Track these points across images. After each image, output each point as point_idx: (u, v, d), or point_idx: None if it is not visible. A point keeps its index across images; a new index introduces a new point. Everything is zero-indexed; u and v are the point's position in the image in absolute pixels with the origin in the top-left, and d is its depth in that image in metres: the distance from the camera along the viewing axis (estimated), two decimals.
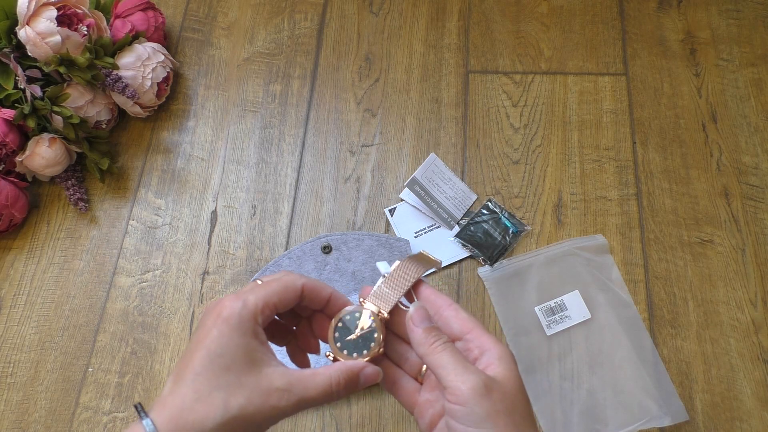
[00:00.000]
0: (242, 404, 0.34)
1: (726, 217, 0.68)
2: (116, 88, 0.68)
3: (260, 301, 0.37)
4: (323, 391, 0.37)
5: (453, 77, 0.77)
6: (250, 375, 0.35)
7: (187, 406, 0.34)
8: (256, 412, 0.35)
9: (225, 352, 0.35)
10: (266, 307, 0.37)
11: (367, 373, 0.39)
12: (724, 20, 0.78)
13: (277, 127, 0.75)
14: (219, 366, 0.35)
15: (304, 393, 0.36)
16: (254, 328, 0.36)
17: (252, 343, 0.36)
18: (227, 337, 0.35)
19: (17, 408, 0.62)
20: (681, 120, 0.73)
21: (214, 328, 0.36)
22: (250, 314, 0.36)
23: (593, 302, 0.63)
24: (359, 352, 0.40)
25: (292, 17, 0.82)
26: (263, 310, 0.37)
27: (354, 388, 0.39)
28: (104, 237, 0.70)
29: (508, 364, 0.37)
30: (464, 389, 0.35)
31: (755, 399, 0.59)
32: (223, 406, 0.34)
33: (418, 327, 0.39)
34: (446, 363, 0.37)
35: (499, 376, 0.37)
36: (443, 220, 0.68)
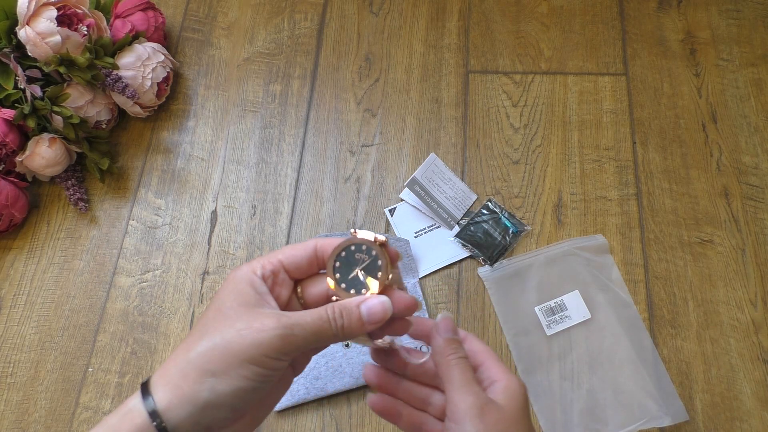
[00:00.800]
0: (225, 333, 0.33)
1: (726, 217, 0.68)
2: (116, 88, 0.68)
3: (263, 259, 0.37)
4: (315, 320, 0.34)
5: (453, 77, 0.77)
6: (239, 311, 0.34)
7: (176, 352, 0.34)
8: (238, 338, 0.32)
9: (220, 302, 0.35)
10: (267, 262, 0.36)
11: (370, 305, 0.35)
12: (724, 20, 0.78)
13: (277, 127, 0.75)
14: (212, 313, 0.34)
15: (293, 318, 0.34)
16: (250, 278, 0.35)
17: (245, 289, 0.35)
18: (224, 290, 0.35)
19: (17, 408, 0.62)
20: (681, 120, 0.73)
21: (218, 291, 0.36)
22: (250, 270, 0.36)
23: (593, 302, 0.63)
24: (365, 287, 0.36)
25: (292, 17, 0.82)
26: (264, 265, 0.36)
27: (357, 325, 0.35)
28: (104, 237, 0.70)
29: (513, 393, 0.37)
30: (461, 407, 0.35)
31: (755, 399, 0.59)
32: (206, 338, 0.33)
33: (441, 336, 0.38)
34: (454, 378, 0.37)
35: (500, 401, 0.36)
36: (443, 220, 0.68)
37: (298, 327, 0.34)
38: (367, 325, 0.35)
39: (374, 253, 0.36)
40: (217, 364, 0.32)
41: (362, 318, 0.35)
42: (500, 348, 0.63)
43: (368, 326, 0.35)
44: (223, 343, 0.33)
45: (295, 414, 0.61)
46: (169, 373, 0.33)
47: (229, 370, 0.32)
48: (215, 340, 0.33)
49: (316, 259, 0.37)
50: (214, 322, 0.34)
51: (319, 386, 0.60)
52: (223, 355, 0.32)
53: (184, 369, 0.33)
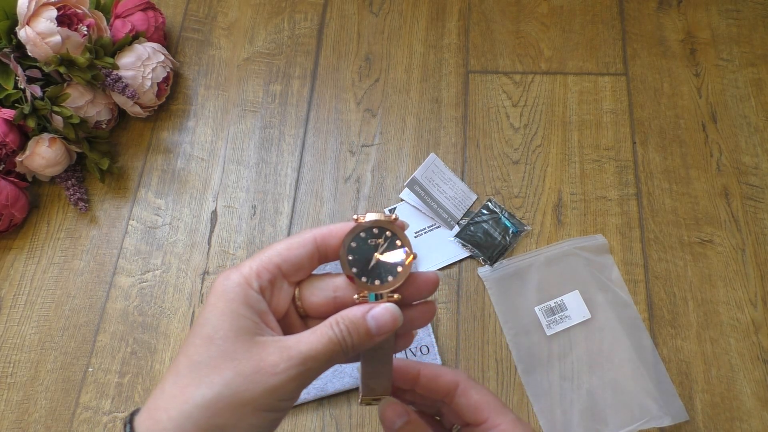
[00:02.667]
0: (229, 378, 0.28)
1: (726, 217, 0.68)
2: (116, 88, 0.68)
3: (256, 264, 0.31)
4: (326, 346, 0.30)
5: (453, 77, 0.77)
6: (236, 344, 0.29)
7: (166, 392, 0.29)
8: (248, 385, 0.28)
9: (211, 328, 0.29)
10: (264, 269, 0.31)
11: (377, 315, 0.31)
12: (724, 20, 0.78)
13: (277, 127, 0.75)
14: (202, 342, 0.29)
15: (303, 350, 0.29)
16: (245, 295, 0.30)
17: (240, 310, 0.30)
18: (215, 310, 0.30)
19: (17, 408, 0.62)
20: (681, 120, 0.73)
21: (206, 306, 0.31)
22: (243, 280, 0.30)
23: (593, 302, 0.63)
24: (390, 273, 0.32)
25: (292, 17, 0.82)
26: (259, 273, 0.31)
27: (366, 338, 0.31)
28: (104, 237, 0.70)
29: None
30: None
31: (755, 399, 0.60)
32: (206, 384, 0.28)
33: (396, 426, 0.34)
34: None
35: None
36: (443, 220, 0.68)
37: (311, 360, 0.29)
38: (377, 336, 0.31)
39: (389, 233, 0.32)
40: (225, 418, 0.28)
41: (371, 330, 0.31)
42: (500, 348, 0.63)
43: (377, 338, 0.31)
44: (229, 392, 0.28)
45: (295, 414, 0.61)
46: (163, 426, 0.28)
47: (239, 423, 0.28)
48: (217, 389, 0.28)
49: (317, 255, 0.33)
50: (210, 359, 0.29)
51: (319, 386, 0.60)
52: (231, 407, 0.28)
53: (183, 425, 0.28)
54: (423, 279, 0.33)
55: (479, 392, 0.35)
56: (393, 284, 0.32)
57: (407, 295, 0.33)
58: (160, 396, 0.29)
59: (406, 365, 0.36)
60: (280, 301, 0.32)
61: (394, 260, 0.32)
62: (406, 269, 0.32)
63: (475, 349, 0.63)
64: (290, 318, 0.33)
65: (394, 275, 0.32)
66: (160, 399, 0.29)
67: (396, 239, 0.32)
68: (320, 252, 0.33)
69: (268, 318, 0.31)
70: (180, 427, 0.28)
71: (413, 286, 0.33)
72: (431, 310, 0.34)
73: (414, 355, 0.61)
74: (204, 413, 0.28)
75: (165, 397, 0.29)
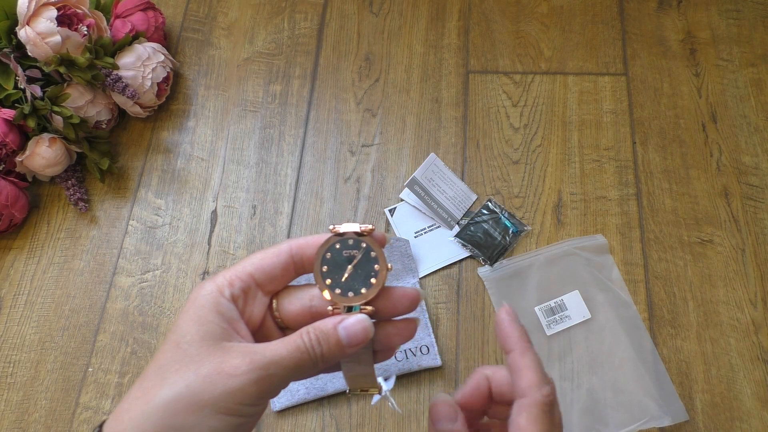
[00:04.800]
0: (190, 380, 0.28)
1: (726, 217, 0.68)
2: (116, 88, 0.68)
3: (229, 274, 0.31)
4: (292, 353, 0.29)
5: (453, 77, 0.77)
6: (201, 348, 0.29)
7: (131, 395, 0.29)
8: (207, 386, 0.28)
9: (179, 334, 0.30)
10: (237, 278, 0.31)
11: (348, 326, 0.30)
12: (724, 20, 0.78)
13: (277, 127, 0.75)
14: (169, 347, 0.30)
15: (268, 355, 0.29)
16: (216, 302, 0.30)
17: (209, 317, 0.30)
18: (185, 316, 0.30)
19: (17, 408, 0.62)
20: (681, 120, 0.73)
21: (179, 314, 0.31)
22: (215, 288, 0.31)
23: (593, 302, 0.63)
24: (364, 285, 0.31)
25: (292, 17, 0.82)
26: (232, 282, 0.31)
27: (336, 349, 0.30)
28: (104, 237, 0.70)
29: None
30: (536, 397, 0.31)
31: (755, 399, 0.60)
32: (168, 385, 0.28)
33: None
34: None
35: None
36: (443, 220, 0.68)
37: (274, 366, 0.29)
38: (348, 348, 0.30)
39: (364, 245, 0.32)
40: (184, 419, 0.28)
41: (341, 341, 0.30)
42: (500, 348, 0.63)
43: (349, 349, 0.31)
44: (189, 392, 0.28)
45: (295, 414, 0.61)
46: (124, 426, 0.28)
47: (199, 425, 0.28)
48: (177, 389, 0.28)
49: (293, 265, 0.33)
50: (174, 362, 0.29)
51: (319, 386, 0.60)
52: (191, 408, 0.28)
53: (143, 425, 0.28)
54: (399, 293, 0.32)
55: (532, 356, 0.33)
56: (366, 296, 0.31)
57: (382, 309, 0.32)
58: (126, 399, 0.29)
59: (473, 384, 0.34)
60: (254, 311, 0.32)
61: (367, 272, 0.32)
62: (379, 281, 0.32)
63: (475, 349, 0.63)
64: (268, 329, 0.33)
65: (367, 287, 0.31)
66: (125, 402, 0.29)
67: (371, 251, 0.32)
68: (296, 262, 0.33)
69: (238, 325, 0.31)
70: (139, 427, 0.28)
71: (388, 299, 0.32)
72: (411, 328, 0.33)
73: (414, 355, 0.61)
74: (163, 413, 0.28)
75: (129, 399, 0.29)
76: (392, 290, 0.32)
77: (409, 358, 0.61)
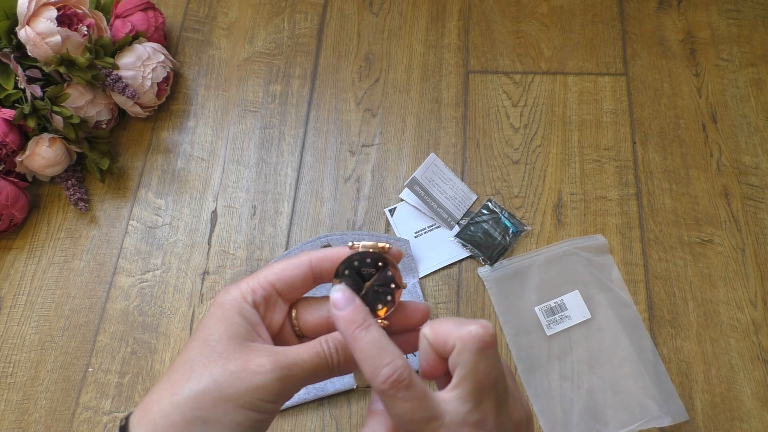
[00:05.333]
0: (217, 374, 0.30)
1: (726, 217, 0.68)
2: (116, 88, 0.68)
3: (253, 281, 0.34)
4: (312, 358, 0.32)
5: (453, 77, 0.77)
6: (228, 346, 0.31)
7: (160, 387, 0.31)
8: (233, 381, 0.30)
9: (207, 332, 0.32)
10: (259, 286, 0.33)
11: None
12: (724, 20, 0.78)
13: (277, 127, 0.75)
14: (197, 344, 0.31)
15: (290, 356, 0.31)
16: (240, 306, 0.32)
17: (235, 318, 0.32)
18: (212, 317, 0.32)
19: (17, 408, 0.62)
20: (681, 120, 0.73)
21: (205, 315, 0.33)
22: (240, 294, 0.33)
23: (593, 302, 0.63)
24: (381, 302, 0.34)
25: (292, 17, 0.82)
26: (255, 290, 0.33)
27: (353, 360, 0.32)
28: (104, 237, 0.70)
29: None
30: None
31: (755, 399, 0.60)
32: (195, 378, 0.30)
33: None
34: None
35: None
36: (443, 220, 0.68)
37: (296, 367, 0.31)
38: None
39: (381, 263, 0.34)
40: (209, 411, 0.29)
41: None
42: (500, 348, 0.63)
43: None
44: (215, 386, 0.30)
45: (295, 414, 0.61)
46: (152, 417, 0.30)
47: (222, 418, 0.29)
48: (205, 383, 0.30)
49: (312, 276, 0.35)
50: (202, 358, 0.31)
51: (319, 386, 0.60)
52: (216, 401, 0.29)
53: (170, 415, 0.29)
54: (412, 308, 0.35)
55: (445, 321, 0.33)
56: (382, 313, 0.34)
57: (396, 324, 0.34)
58: (155, 391, 0.31)
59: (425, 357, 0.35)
60: (274, 317, 0.34)
61: (384, 290, 0.34)
62: (395, 299, 0.34)
63: None
64: (286, 336, 0.35)
65: (384, 304, 0.34)
66: (154, 393, 0.31)
67: (387, 270, 0.34)
68: (315, 274, 0.35)
69: (260, 329, 0.33)
70: (168, 417, 0.29)
71: (402, 314, 0.34)
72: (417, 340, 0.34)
73: (414, 356, 0.61)
74: (190, 405, 0.29)
75: (158, 391, 0.31)
76: (406, 305, 0.35)
77: (409, 358, 0.61)
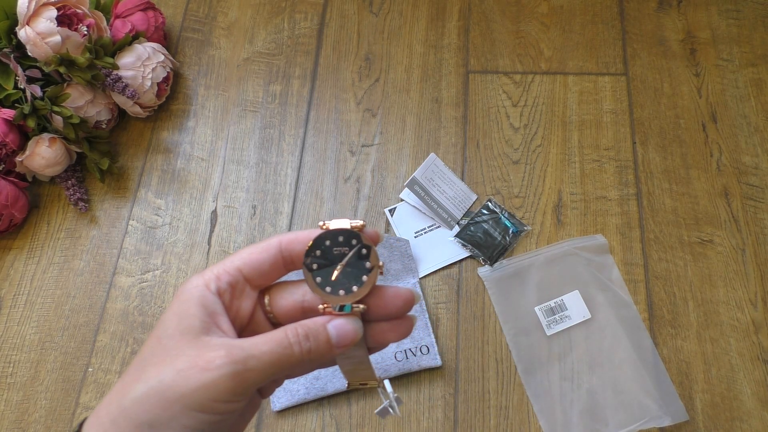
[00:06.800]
0: (164, 374, 0.27)
1: (726, 217, 0.68)
2: (116, 88, 0.68)
3: (217, 268, 0.31)
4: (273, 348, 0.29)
5: (453, 77, 0.77)
6: (180, 342, 0.28)
7: (112, 390, 0.29)
8: (180, 380, 0.27)
9: (161, 328, 0.29)
10: (224, 272, 0.31)
11: (338, 325, 0.30)
12: (724, 20, 0.78)
13: (277, 127, 0.75)
14: (151, 342, 0.29)
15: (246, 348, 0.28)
16: (200, 296, 0.30)
17: (191, 310, 0.29)
18: (169, 310, 0.30)
19: (17, 408, 0.62)
20: (681, 120, 0.73)
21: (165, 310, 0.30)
22: (202, 282, 0.30)
23: (593, 302, 0.63)
24: (356, 283, 0.30)
25: (292, 17, 0.82)
26: (219, 276, 0.31)
27: (325, 348, 0.30)
28: (104, 237, 0.70)
29: None
30: None
31: (755, 399, 0.59)
32: (143, 379, 0.28)
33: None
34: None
35: None
36: (443, 220, 0.68)
37: (252, 359, 0.28)
38: (336, 348, 0.30)
39: (354, 241, 0.31)
40: (156, 414, 0.27)
41: (331, 340, 0.30)
42: (500, 348, 0.63)
43: (337, 349, 0.30)
44: (161, 387, 0.27)
45: (295, 414, 0.61)
46: (101, 421, 0.28)
47: (170, 422, 0.27)
48: (151, 383, 0.27)
49: (282, 261, 0.32)
50: (153, 356, 0.28)
51: (319, 386, 0.60)
52: (162, 403, 0.27)
53: (117, 419, 0.27)
54: (392, 293, 0.31)
55: None
56: (357, 295, 0.30)
57: (374, 308, 0.31)
58: (108, 394, 0.29)
59: None
60: (242, 306, 0.31)
61: (359, 270, 0.31)
62: (371, 279, 0.31)
63: (475, 349, 0.63)
64: (259, 325, 0.32)
65: (359, 285, 0.30)
66: (106, 397, 0.29)
67: (362, 248, 0.31)
68: (285, 258, 0.32)
69: (219, 320, 0.30)
70: (115, 422, 0.27)
71: (381, 298, 0.31)
72: (406, 325, 0.32)
73: (414, 356, 0.61)
74: (137, 408, 0.27)
75: (111, 394, 0.29)
76: (385, 289, 0.31)
77: (409, 358, 0.61)
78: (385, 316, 0.32)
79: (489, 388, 0.61)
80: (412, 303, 0.32)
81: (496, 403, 0.61)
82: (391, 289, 0.31)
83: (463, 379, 0.62)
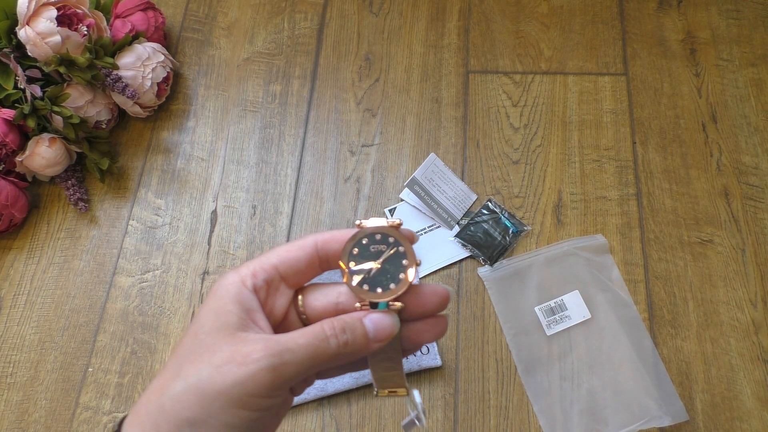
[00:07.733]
0: (201, 370, 0.27)
1: (726, 217, 0.68)
2: (116, 88, 0.68)
3: (253, 265, 0.31)
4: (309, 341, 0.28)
5: (453, 77, 0.77)
6: (217, 338, 0.28)
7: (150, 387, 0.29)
8: (217, 376, 0.27)
9: (198, 324, 0.29)
10: (261, 269, 0.31)
11: (375, 319, 0.30)
12: (724, 20, 0.78)
13: (277, 127, 0.75)
14: (188, 338, 0.29)
15: (282, 341, 0.28)
16: (237, 292, 0.30)
17: (228, 307, 0.29)
18: (205, 307, 0.30)
19: (17, 408, 0.62)
20: (681, 120, 0.73)
21: (201, 306, 0.30)
22: (238, 279, 0.30)
23: (593, 302, 0.63)
24: (393, 281, 0.30)
25: (292, 17, 0.82)
26: (255, 273, 0.30)
27: (362, 342, 0.30)
28: (104, 237, 0.70)
29: None
30: None
31: (755, 399, 0.59)
32: (182, 376, 0.27)
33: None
34: None
35: None
36: (443, 220, 0.68)
37: (289, 353, 0.28)
38: (374, 342, 0.30)
39: (391, 240, 0.31)
40: (195, 411, 0.27)
41: (368, 334, 0.30)
42: (500, 348, 0.63)
43: (374, 344, 0.30)
44: (199, 384, 0.27)
45: (295, 414, 0.61)
46: (141, 420, 0.28)
47: (209, 418, 0.27)
48: (190, 381, 0.27)
49: (317, 260, 0.32)
50: (191, 353, 0.28)
51: (319, 386, 0.60)
52: (201, 399, 0.27)
53: (157, 418, 0.27)
54: (429, 291, 0.31)
55: None
56: (395, 292, 0.30)
57: (411, 306, 0.31)
58: (146, 393, 0.29)
59: None
60: (277, 303, 0.31)
61: (396, 268, 0.31)
62: (408, 277, 0.31)
63: (475, 349, 0.63)
64: (292, 324, 0.32)
65: (396, 283, 0.31)
66: (145, 395, 0.29)
67: (399, 246, 0.31)
68: (321, 257, 0.32)
69: (256, 316, 0.30)
70: (154, 420, 0.27)
71: (417, 296, 0.31)
72: (442, 324, 0.32)
73: (414, 356, 0.61)
74: (176, 406, 0.27)
75: (148, 393, 0.28)
76: (422, 287, 0.31)
77: (409, 358, 0.61)
78: (421, 315, 0.32)
79: (489, 388, 0.61)
80: (448, 301, 0.32)
81: (496, 403, 0.61)
82: (428, 287, 0.31)
83: (463, 379, 0.62)
